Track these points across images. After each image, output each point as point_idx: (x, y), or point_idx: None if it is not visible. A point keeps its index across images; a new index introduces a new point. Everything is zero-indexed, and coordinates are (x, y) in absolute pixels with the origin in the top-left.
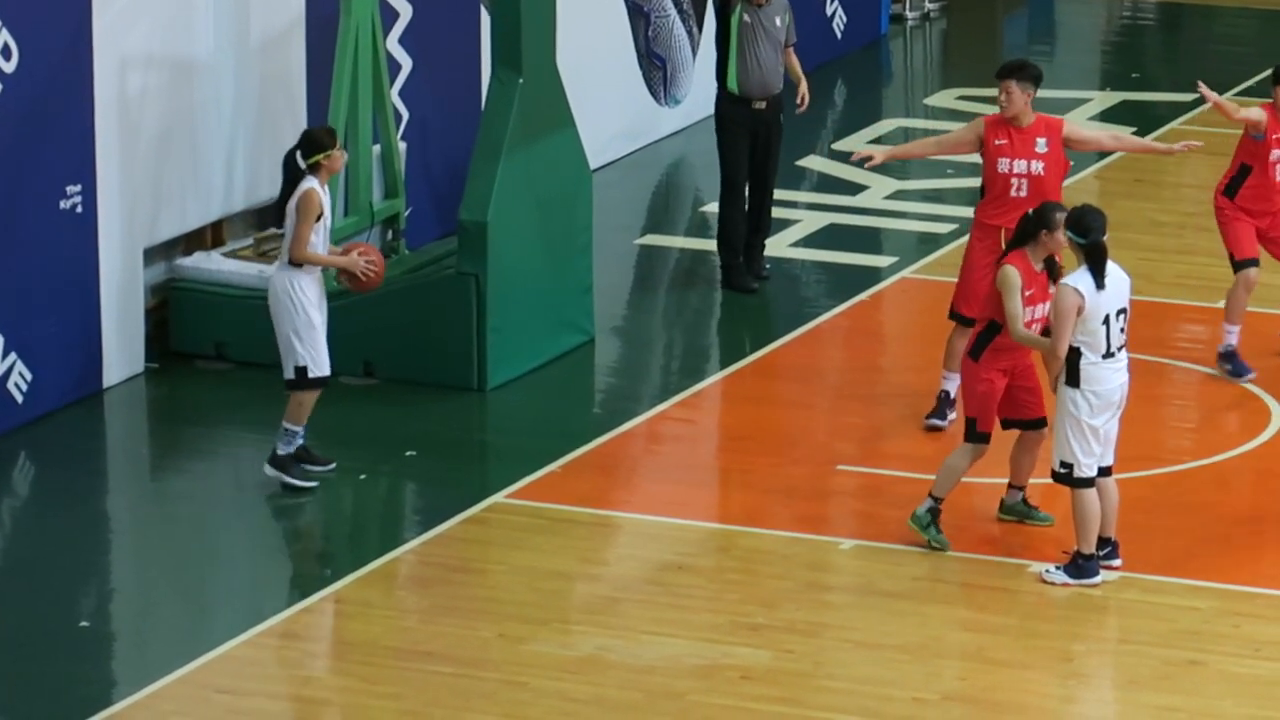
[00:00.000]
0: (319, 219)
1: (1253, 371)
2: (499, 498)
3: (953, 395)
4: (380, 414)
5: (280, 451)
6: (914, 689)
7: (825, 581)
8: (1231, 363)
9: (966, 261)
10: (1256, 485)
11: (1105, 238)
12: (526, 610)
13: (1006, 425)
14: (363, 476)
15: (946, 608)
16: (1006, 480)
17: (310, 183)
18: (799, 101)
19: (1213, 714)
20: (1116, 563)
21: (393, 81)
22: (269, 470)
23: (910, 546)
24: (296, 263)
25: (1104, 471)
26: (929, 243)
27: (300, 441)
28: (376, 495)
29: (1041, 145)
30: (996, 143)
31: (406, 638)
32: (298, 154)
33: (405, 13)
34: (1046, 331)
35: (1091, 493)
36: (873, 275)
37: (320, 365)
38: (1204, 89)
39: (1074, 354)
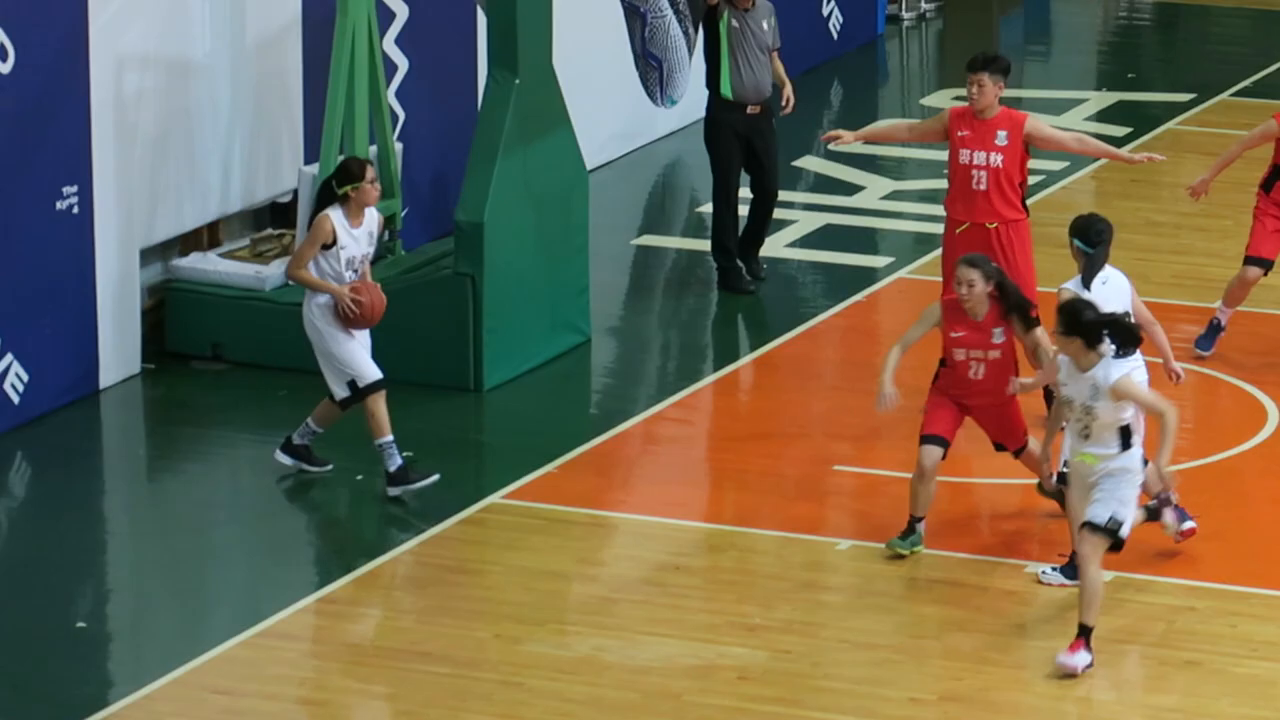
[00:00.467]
0: (329, 247)
1: (1209, 351)
2: (495, 498)
3: None
4: None
5: (390, 468)
6: (910, 689)
7: (822, 582)
8: (1205, 334)
9: (943, 258)
10: (1253, 485)
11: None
12: (523, 611)
13: (999, 448)
14: (359, 477)
15: (943, 608)
16: (1005, 480)
17: (330, 210)
18: (784, 104)
19: (1209, 714)
20: (1190, 525)
21: (389, 82)
22: (392, 490)
23: None
24: (290, 279)
25: None
26: (925, 243)
27: (394, 450)
28: (373, 496)
29: (1002, 138)
30: (959, 134)
31: (403, 638)
32: (333, 182)
33: (402, 13)
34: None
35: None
36: (869, 275)
37: (365, 374)
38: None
39: None
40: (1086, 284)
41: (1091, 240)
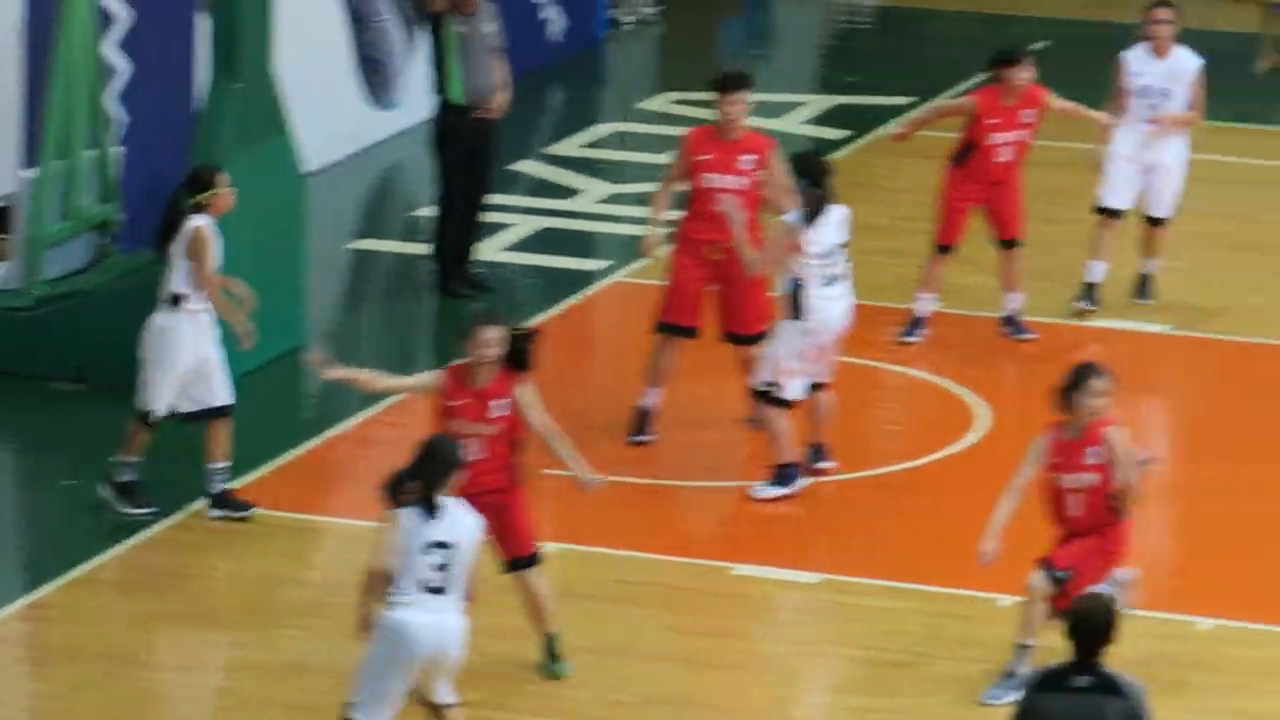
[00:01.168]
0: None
1: (914, 338)
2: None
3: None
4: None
5: (118, 478)
6: (610, 690)
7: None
8: (907, 328)
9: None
10: (962, 487)
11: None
12: (239, 616)
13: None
14: (75, 481)
15: (650, 610)
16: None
17: (198, 220)
18: (491, 108)
19: (919, 713)
20: (830, 464)
21: (110, 86)
22: (103, 492)
23: (611, 550)
24: (175, 301)
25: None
26: (635, 247)
27: (133, 469)
28: (85, 502)
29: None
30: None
31: (112, 644)
32: (184, 192)
33: (123, 17)
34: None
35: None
36: (585, 279)
37: (155, 403)
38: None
39: (797, 287)
40: (810, 221)
41: (819, 179)
